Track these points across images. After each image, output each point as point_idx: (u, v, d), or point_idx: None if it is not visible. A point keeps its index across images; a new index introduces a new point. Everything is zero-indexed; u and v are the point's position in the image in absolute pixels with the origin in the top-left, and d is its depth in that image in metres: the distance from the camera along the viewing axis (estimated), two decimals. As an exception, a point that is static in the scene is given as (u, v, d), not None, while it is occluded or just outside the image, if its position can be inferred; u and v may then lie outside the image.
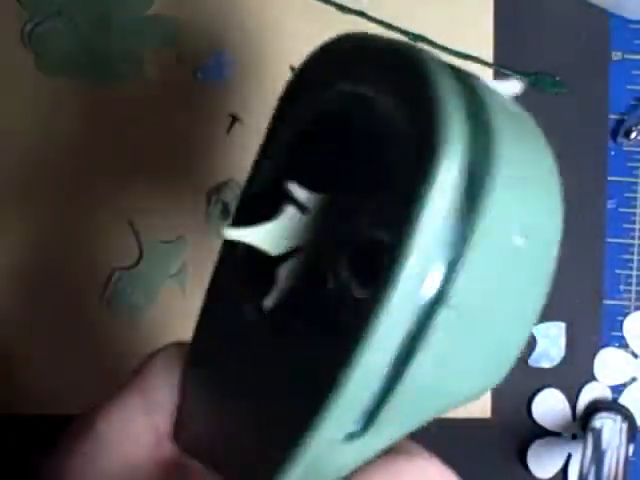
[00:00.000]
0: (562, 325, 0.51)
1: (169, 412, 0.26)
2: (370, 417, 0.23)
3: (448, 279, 0.22)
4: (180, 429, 0.27)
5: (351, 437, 0.23)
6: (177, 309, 0.49)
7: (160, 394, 0.27)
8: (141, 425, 0.26)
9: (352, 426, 0.23)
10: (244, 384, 0.26)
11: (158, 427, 0.26)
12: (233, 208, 0.47)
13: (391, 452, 0.25)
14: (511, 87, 0.26)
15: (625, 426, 0.48)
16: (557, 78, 0.50)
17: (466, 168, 0.22)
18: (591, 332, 0.51)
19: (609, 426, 0.48)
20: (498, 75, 0.50)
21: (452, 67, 0.24)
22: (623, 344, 0.51)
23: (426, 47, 0.49)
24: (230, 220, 0.28)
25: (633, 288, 0.51)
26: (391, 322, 0.21)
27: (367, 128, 0.25)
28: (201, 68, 0.48)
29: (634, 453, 0.50)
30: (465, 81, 0.23)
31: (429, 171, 0.21)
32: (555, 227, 0.25)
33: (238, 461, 0.25)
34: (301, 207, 0.25)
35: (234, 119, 0.49)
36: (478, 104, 0.23)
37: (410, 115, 0.23)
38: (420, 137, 0.22)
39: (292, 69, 0.49)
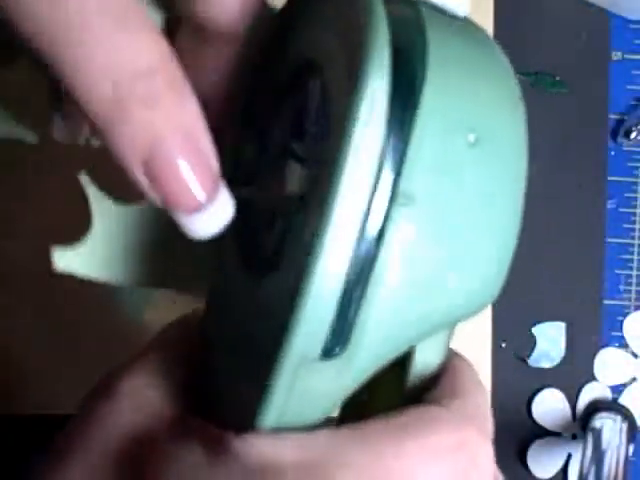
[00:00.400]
0: (562, 325, 0.51)
1: (184, 375, 0.27)
2: (343, 329, 0.23)
3: (396, 182, 0.22)
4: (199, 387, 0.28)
5: (328, 354, 0.23)
6: (177, 309, 0.49)
7: (177, 357, 0.28)
8: (163, 387, 0.27)
9: (325, 340, 0.22)
10: (232, 331, 0.26)
11: (176, 388, 0.27)
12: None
13: (427, 399, 0.25)
14: (459, 4, 0.28)
15: (625, 426, 0.48)
16: (557, 78, 0.50)
17: (394, 73, 0.22)
18: (591, 332, 0.51)
19: (609, 426, 0.48)
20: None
21: None
22: (623, 344, 0.51)
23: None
24: None
25: (633, 288, 0.51)
26: (339, 229, 0.22)
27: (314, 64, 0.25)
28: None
29: (634, 453, 0.51)
30: None
31: (359, 77, 0.22)
32: (513, 120, 0.25)
33: (227, 404, 0.25)
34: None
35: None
36: (409, 10, 0.24)
37: (343, 32, 0.24)
38: (350, 48, 0.23)
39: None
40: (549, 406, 0.51)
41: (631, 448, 0.49)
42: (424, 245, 0.23)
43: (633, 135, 0.50)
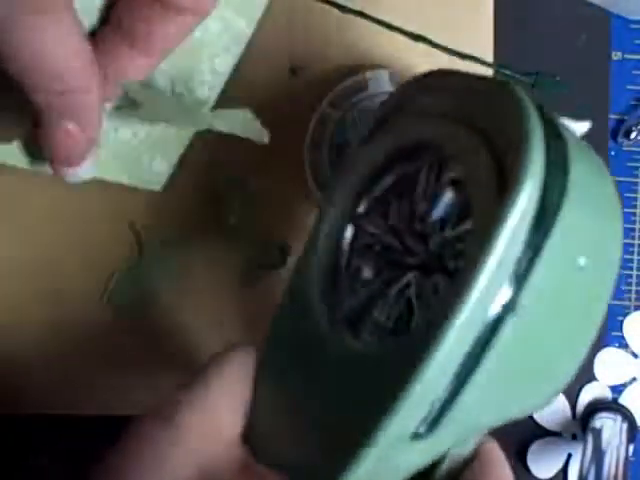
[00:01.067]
0: (562, 325, 0.51)
1: (244, 411, 0.27)
2: (435, 419, 0.24)
3: (515, 294, 0.24)
4: (249, 430, 0.28)
5: (417, 437, 0.24)
6: (177, 309, 0.49)
7: (236, 394, 0.28)
8: (219, 421, 0.26)
9: (419, 426, 0.24)
10: (312, 391, 0.27)
11: (234, 425, 0.26)
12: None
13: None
14: (581, 127, 0.30)
15: (625, 426, 0.48)
16: (557, 78, 0.50)
17: (542, 195, 0.24)
18: (591, 332, 0.51)
19: (609, 426, 0.48)
20: (498, 75, 0.50)
21: (537, 104, 0.26)
22: (623, 344, 0.51)
23: (429, 47, 0.49)
24: None
25: (633, 288, 0.51)
26: (461, 332, 0.23)
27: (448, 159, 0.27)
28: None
29: (634, 453, 0.50)
30: (545, 115, 0.26)
31: (510, 197, 0.24)
32: (616, 250, 0.28)
33: (303, 461, 0.26)
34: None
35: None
36: (557, 138, 0.26)
37: (493, 144, 0.25)
38: (504, 166, 0.24)
39: (292, 70, 0.49)
40: (549, 406, 0.51)
41: (631, 448, 0.49)
42: (520, 352, 0.25)
43: (633, 135, 0.50)
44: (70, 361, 0.48)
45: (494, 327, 0.24)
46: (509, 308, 0.24)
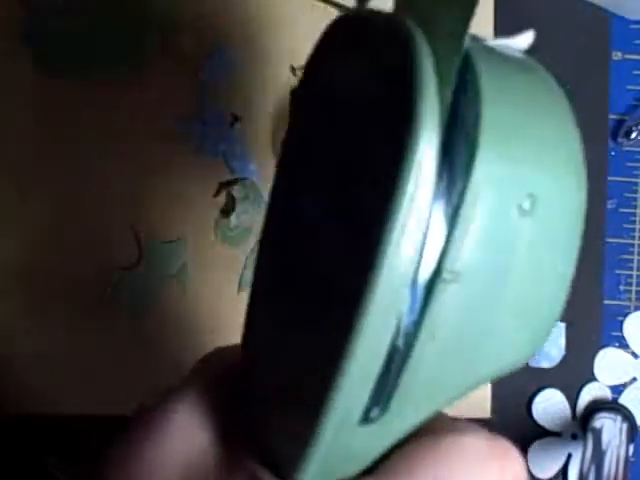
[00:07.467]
0: (562, 325, 0.51)
1: (226, 412, 0.27)
2: (383, 396, 0.22)
3: (444, 252, 0.21)
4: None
5: (367, 419, 0.22)
6: (177, 309, 0.49)
7: (220, 391, 0.27)
8: (209, 419, 0.26)
9: (366, 406, 0.22)
10: (274, 372, 0.26)
11: (222, 424, 0.26)
12: (239, 204, 0.48)
13: (431, 431, 0.25)
14: (523, 41, 0.26)
15: (625, 426, 0.48)
16: (557, 78, 0.50)
17: (446, 140, 0.21)
18: (591, 332, 0.51)
19: (609, 426, 0.48)
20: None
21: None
22: (623, 344, 0.51)
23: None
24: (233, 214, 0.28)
25: (633, 288, 0.51)
26: (385, 298, 0.21)
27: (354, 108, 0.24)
28: (203, 68, 0.48)
29: (634, 453, 0.51)
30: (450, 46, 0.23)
31: (407, 145, 0.20)
32: (572, 194, 0.24)
33: (272, 448, 0.25)
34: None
35: (235, 118, 0.49)
36: (465, 69, 0.22)
37: (390, 88, 0.22)
38: (398, 111, 0.21)
39: (292, 69, 0.49)
40: (549, 406, 0.51)
41: (631, 448, 0.49)
42: (466, 319, 0.22)
43: (633, 135, 0.50)
44: (70, 361, 0.48)
45: (427, 294, 0.21)
46: (438, 275, 0.21)
